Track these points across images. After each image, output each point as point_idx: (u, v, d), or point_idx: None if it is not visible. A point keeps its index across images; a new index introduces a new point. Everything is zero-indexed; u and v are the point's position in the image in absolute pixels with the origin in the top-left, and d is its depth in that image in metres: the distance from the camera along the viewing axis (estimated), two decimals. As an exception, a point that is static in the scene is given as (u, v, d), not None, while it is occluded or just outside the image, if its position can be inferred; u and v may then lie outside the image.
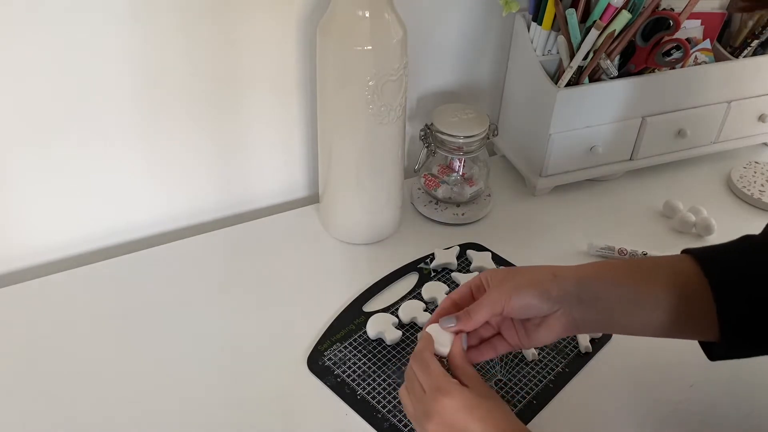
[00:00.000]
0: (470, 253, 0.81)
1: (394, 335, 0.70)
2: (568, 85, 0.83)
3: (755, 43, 0.91)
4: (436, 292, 0.75)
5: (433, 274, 0.79)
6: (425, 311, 0.73)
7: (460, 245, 0.82)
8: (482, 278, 0.57)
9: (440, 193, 0.87)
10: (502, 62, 0.94)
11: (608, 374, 0.68)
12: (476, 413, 0.49)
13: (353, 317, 0.73)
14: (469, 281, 0.59)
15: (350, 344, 0.70)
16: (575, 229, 0.87)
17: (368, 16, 0.68)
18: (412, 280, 0.78)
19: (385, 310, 0.74)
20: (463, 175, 0.87)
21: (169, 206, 0.85)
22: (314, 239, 0.84)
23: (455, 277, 0.78)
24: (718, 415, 0.65)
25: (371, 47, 0.68)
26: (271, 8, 0.75)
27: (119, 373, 0.67)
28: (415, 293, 0.76)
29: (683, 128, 0.92)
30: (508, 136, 0.96)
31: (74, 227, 0.80)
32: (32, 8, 0.65)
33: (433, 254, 0.81)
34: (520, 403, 0.65)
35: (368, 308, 0.74)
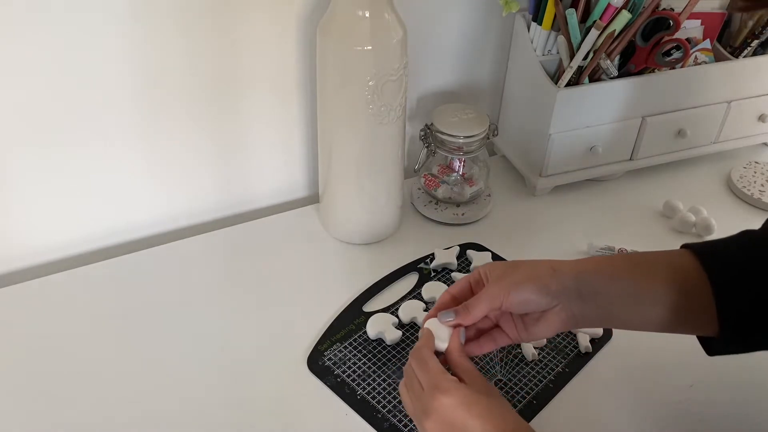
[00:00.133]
0: (470, 253, 0.81)
1: (394, 335, 0.70)
2: (568, 85, 0.83)
3: (755, 43, 0.91)
4: (436, 292, 0.75)
5: (433, 274, 0.79)
6: (425, 311, 0.73)
7: (460, 245, 0.82)
8: (481, 272, 0.57)
9: (440, 193, 0.87)
10: (502, 62, 0.94)
11: (608, 374, 0.68)
12: (474, 410, 0.49)
13: (353, 317, 0.73)
14: (468, 275, 0.59)
15: (350, 344, 0.70)
16: (575, 229, 0.87)
17: (368, 16, 0.68)
18: (412, 280, 0.78)
19: (385, 310, 0.74)
20: (463, 175, 0.87)
21: (169, 206, 0.85)
22: (314, 239, 0.84)
23: (455, 277, 0.78)
24: (718, 415, 0.65)
25: (371, 47, 0.68)
26: (271, 8, 0.75)
27: (119, 373, 0.67)
28: (415, 293, 0.76)
29: (683, 128, 0.92)
30: (508, 136, 0.96)
31: (74, 227, 0.80)
32: (32, 8, 0.65)
33: (433, 254, 0.81)
34: (520, 403, 0.65)
35: (368, 308, 0.74)
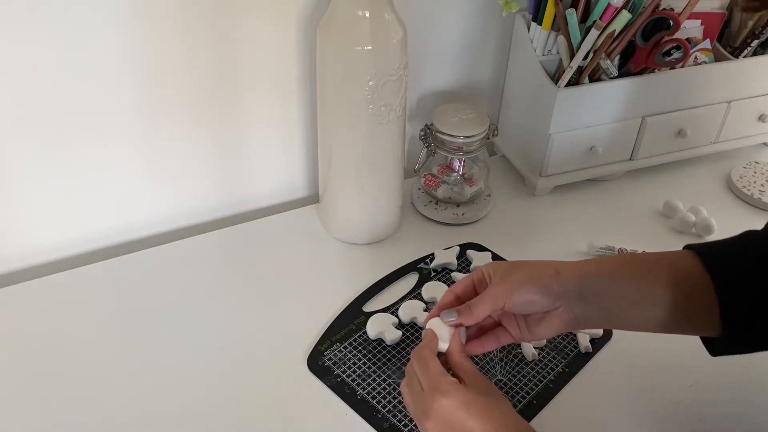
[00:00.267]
0: (470, 253, 0.81)
1: (394, 335, 0.70)
2: (568, 85, 0.83)
3: (755, 43, 0.90)
4: (436, 292, 0.75)
5: (433, 274, 0.79)
6: (425, 311, 0.73)
7: (460, 245, 0.82)
8: (484, 271, 0.57)
9: (440, 193, 0.87)
10: (502, 62, 0.94)
11: (608, 374, 0.68)
12: (473, 410, 0.49)
13: (353, 317, 0.73)
14: (471, 274, 0.59)
15: (350, 344, 0.70)
16: (575, 229, 0.87)
17: (368, 16, 0.68)
18: (412, 280, 0.78)
19: (385, 310, 0.74)
20: (463, 175, 0.87)
21: (169, 206, 0.85)
22: (314, 239, 0.84)
23: (455, 277, 0.78)
24: (718, 415, 0.65)
25: (371, 47, 0.68)
26: (271, 8, 0.75)
27: (119, 373, 0.67)
28: (415, 293, 0.76)
29: (683, 128, 0.92)
30: (508, 136, 0.96)
31: (74, 227, 0.80)
32: (32, 8, 0.65)
33: (433, 254, 0.81)
34: (520, 403, 0.65)
35: (368, 308, 0.74)
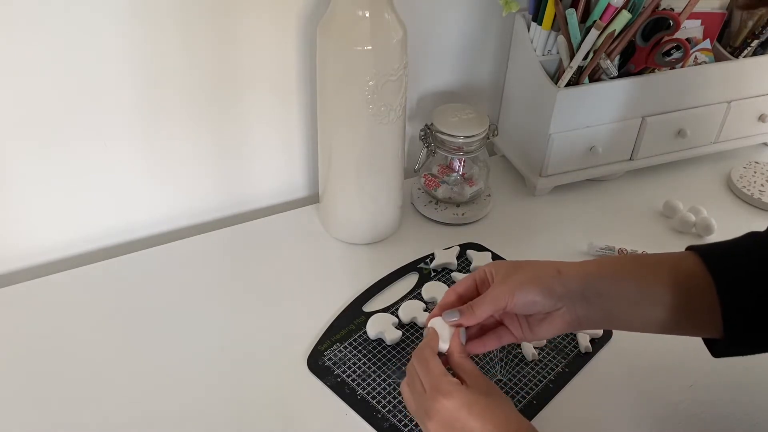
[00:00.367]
0: (470, 253, 0.81)
1: (394, 335, 0.70)
2: (568, 85, 0.83)
3: (755, 43, 0.90)
4: (436, 292, 0.75)
5: (433, 274, 0.79)
6: (425, 311, 0.73)
7: (460, 245, 0.82)
8: (487, 271, 0.57)
9: (440, 193, 0.87)
10: (502, 62, 0.94)
11: (608, 374, 0.68)
12: (474, 410, 0.50)
13: (353, 317, 0.73)
14: (473, 273, 0.59)
15: (350, 344, 0.70)
16: (575, 229, 0.87)
17: (368, 16, 0.68)
18: (412, 280, 0.78)
19: (385, 310, 0.74)
20: (463, 175, 0.87)
21: (169, 206, 0.85)
22: (314, 239, 0.84)
23: (455, 277, 0.78)
24: (718, 415, 0.65)
25: (371, 47, 0.68)
26: (271, 8, 0.75)
27: (119, 373, 0.67)
28: (415, 293, 0.76)
29: (683, 128, 0.92)
30: (508, 136, 0.96)
31: (74, 227, 0.80)
32: (32, 8, 0.65)
33: (433, 254, 0.81)
34: (520, 403, 0.65)
35: (368, 308, 0.74)
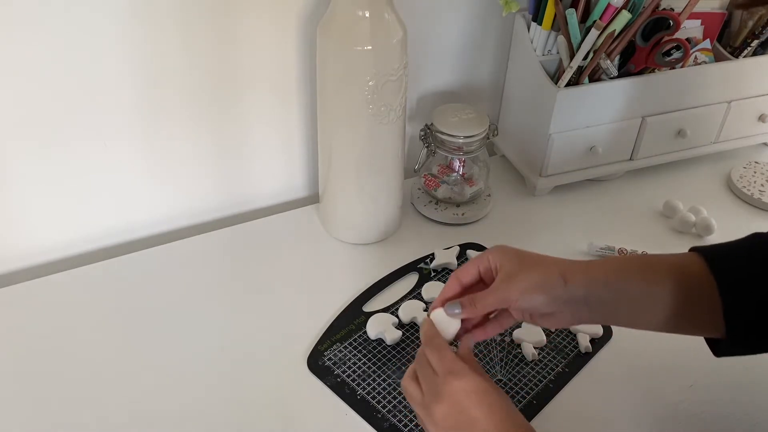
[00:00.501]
0: (470, 253, 0.81)
1: (394, 335, 0.70)
2: (568, 85, 0.83)
3: (755, 43, 0.90)
4: (436, 292, 0.75)
5: (433, 274, 0.79)
6: (425, 311, 0.73)
7: (460, 245, 0.82)
8: (491, 261, 0.57)
9: (440, 193, 0.87)
10: (502, 62, 0.94)
11: (608, 374, 0.68)
12: (485, 399, 0.51)
13: (353, 317, 0.73)
14: (477, 260, 0.58)
15: (350, 344, 0.70)
16: (575, 229, 0.87)
17: (368, 16, 0.68)
18: (412, 280, 0.78)
19: (385, 310, 0.74)
20: (463, 175, 0.87)
21: (169, 206, 0.85)
22: (314, 239, 0.84)
23: (455, 277, 0.78)
24: (718, 415, 0.65)
25: (371, 47, 0.68)
26: (271, 8, 0.75)
27: (119, 373, 0.67)
28: (415, 293, 0.76)
29: (683, 128, 0.92)
30: (508, 136, 0.96)
31: (74, 227, 0.80)
32: (32, 8, 0.65)
33: (433, 254, 0.81)
34: (520, 403, 0.65)
35: (368, 308, 0.74)
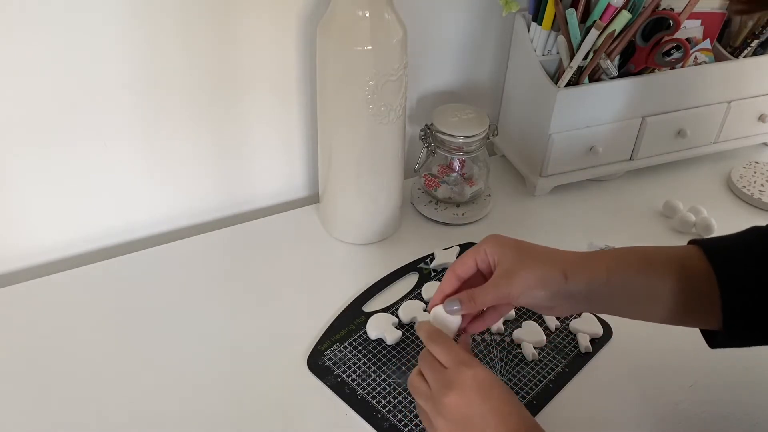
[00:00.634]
0: (470, 253, 0.81)
1: (394, 335, 0.70)
2: (568, 85, 0.83)
3: (755, 43, 0.90)
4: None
5: (433, 274, 0.79)
6: (425, 311, 0.73)
7: (460, 245, 0.82)
8: (489, 255, 0.56)
9: (440, 193, 0.87)
10: (502, 62, 0.94)
11: (608, 374, 0.68)
12: (495, 392, 0.51)
13: (353, 317, 0.73)
14: (473, 252, 0.57)
15: (350, 344, 0.70)
16: (575, 229, 0.87)
17: (368, 16, 0.68)
18: (412, 280, 0.78)
19: (385, 310, 0.74)
20: (463, 175, 0.87)
21: (169, 206, 0.85)
22: (314, 239, 0.84)
23: (455, 277, 0.78)
24: (718, 415, 0.65)
25: (371, 47, 0.68)
26: (271, 8, 0.75)
27: (119, 372, 0.67)
28: (415, 293, 0.76)
29: (683, 128, 0.92)
30: (508, 136, 0.96)
31: (74, 227, 0.80)
32: (32, 8, 0.65)
33: (433, 254, 0.81)
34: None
35: (368, 308, 0.74)
